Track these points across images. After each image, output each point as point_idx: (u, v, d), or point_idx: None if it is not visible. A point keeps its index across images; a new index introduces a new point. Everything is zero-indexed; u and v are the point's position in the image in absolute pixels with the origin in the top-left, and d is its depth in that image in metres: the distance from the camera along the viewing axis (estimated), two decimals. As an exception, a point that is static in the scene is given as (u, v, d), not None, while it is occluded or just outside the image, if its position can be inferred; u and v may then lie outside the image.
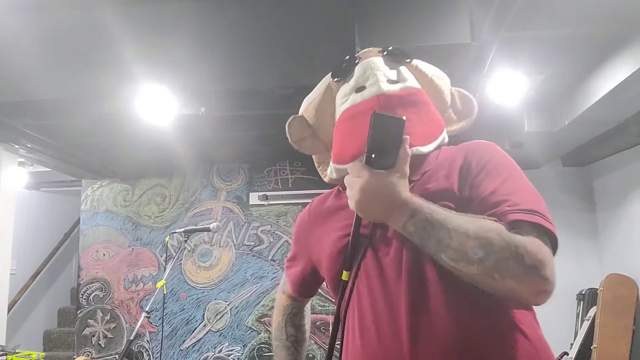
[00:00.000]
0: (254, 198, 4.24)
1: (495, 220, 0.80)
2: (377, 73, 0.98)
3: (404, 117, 0.80)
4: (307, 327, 1.26)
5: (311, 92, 1.13)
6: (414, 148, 0.91)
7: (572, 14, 2.12)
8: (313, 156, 1.18)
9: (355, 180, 0.81)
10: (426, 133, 0.96)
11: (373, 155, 0.82)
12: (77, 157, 3.87)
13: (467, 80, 2.55)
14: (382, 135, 0.81)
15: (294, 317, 1.23)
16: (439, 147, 0.98)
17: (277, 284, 4.08)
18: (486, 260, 0.75)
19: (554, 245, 0.83)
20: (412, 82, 1.00)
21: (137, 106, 2.73)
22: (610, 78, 2.51)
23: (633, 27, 2.25)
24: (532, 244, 0.78)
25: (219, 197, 4.28)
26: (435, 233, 0.78)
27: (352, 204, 0.84)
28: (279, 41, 2.29)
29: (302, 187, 4.22)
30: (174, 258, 3.76)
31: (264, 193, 4.23)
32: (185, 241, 2.95)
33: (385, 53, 1.02)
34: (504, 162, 0.91)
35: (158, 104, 2.72)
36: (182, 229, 2.94)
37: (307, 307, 1.28)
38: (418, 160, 0.94)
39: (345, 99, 1.01)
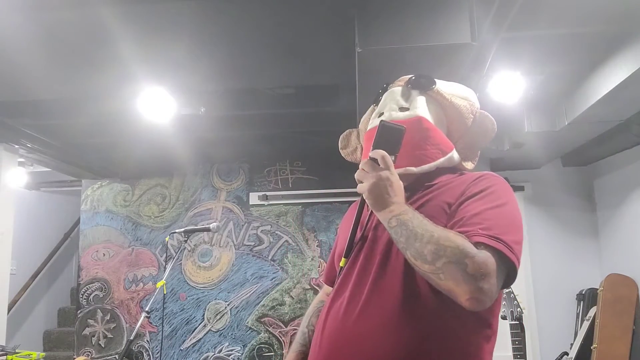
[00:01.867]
0: (254, 198, 4.24)
1: (464, 238, 0.92)
2: (391, 102, 1.18)
3: (404, 127, 0.99)
4: None
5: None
6: (404, 168, 1.09)
7: (572, 14, 2.12)
8: None
9: (366, 175, 0.99)
10: (421, 155, 1.11)
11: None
12: (77, 157, 3.87)
13: (467, 80, 2.54)
14: (386, 140, 0.98)
15: (320, 310, 1.32)
16: (437, 167, 1.13)
17: (277, 284, 4.10)
18: (436, 262, 0.89)
19: (511, 273, 0.95)
20: (419, 110, 1.15)
21: (138, 106, 2.73)
22: (610, 78, 2.51)
23: (633, 27, 2.25)
24: (482, 258, 0.89)
25: (219, 197, 4.28)
26: (407, 233, 0.93)
27: (363, 189, 0.99)
28: (279, 41, 2.29)
29: (302, 187, 4.22)
30: (174, 258, 3.76)
31: (264, 193, 4.23)
32: (185, 241, 2.95)
33: (409, 85, 1.19)
34: (502, 195, 1.03)
35: (158, 103, 2.72)
36: (182, 229, 2.94)
37: None
38: (423, 177, 1.12)
39: (371, 122, 1.23)
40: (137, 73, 2.43)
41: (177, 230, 2.96)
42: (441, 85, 1.19)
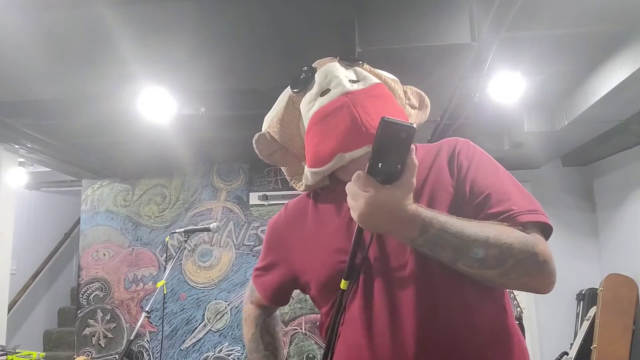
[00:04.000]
0: (254, 198, 4.24)
1: (507, 225, 0.85)
2: (339, 74, 1.02)
3: (415, 125, 0.76)
4: (281, 333, 1.26)
5: (271, 109, 1.15)
6: None
7: (572, 14, 2.12)
8: (283, 169, 1.17)
9: (361, 193, 0.76)
10: None
11: (380, 165, 0.76)
12: (77, 157, 3.87)
13: (467, 80, 2.55)
14: (390, 143, 0.75)
15: (267, 325, 1.22)
16: None
17: (277, 284, 4.10)
18: (505, 263, 0.81)
19: (549, 234, 0.90)
20: (371, 78, 1.04)
21: (138, 106, 2.73)
22: (610, 78, 2.51)
23: (633, 27, 2.25)
24: (540, 241, 0.85)
25: (219, 197, 4.28)
26: (451, 245, 0.80)
27: (355, 215, 0.79)
28: (279, 41, 2.29)
29: (302, 187, 4.22)
30: (174, 258, 3.76)
31: (264, 193, 4.23)
32: (185, 241, 2.96)
33: (338, 58, 1.07)
34: (486, 157, 0.98)
35: (158, 103, 2.72)
36: (182, 229, 2.94)
37: (277, 313, 1.27)
38: None
39: (311, 105, 1.03)
40: (137, 73, 2.42)
41: (177, 230, 2.96)
42: (368, 65, 1.09)
